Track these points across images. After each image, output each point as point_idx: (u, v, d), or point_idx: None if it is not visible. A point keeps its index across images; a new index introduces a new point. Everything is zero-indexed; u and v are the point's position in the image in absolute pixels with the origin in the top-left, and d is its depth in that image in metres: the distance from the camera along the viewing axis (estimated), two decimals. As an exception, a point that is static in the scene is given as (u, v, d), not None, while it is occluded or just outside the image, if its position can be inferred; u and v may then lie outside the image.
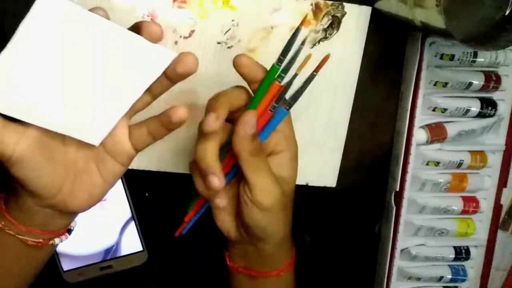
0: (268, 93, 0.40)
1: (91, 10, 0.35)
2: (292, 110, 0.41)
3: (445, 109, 0.52)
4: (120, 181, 0.50)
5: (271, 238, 0.42)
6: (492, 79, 0.52)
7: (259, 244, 0.42)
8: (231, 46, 0.49)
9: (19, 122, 0.35)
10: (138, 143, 0.39)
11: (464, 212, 0.55)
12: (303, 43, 0.39)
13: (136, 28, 0.37)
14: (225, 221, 0.43)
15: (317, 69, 0.38)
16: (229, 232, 0.43)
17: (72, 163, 0.39)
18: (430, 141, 0.53)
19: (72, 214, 0.41)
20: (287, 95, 0.39)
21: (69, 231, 0.42)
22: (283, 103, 0.40)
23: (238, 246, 0.44)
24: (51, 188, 0.37)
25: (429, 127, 0.53)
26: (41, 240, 0.40)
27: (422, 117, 0.52)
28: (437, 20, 0.39)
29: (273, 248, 0.43)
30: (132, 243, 0.52)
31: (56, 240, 0.41)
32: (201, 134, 0.39)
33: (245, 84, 0.41)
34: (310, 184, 0.54)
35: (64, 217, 0.40)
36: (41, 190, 0.37)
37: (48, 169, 0.37)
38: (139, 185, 0.51)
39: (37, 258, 0.41)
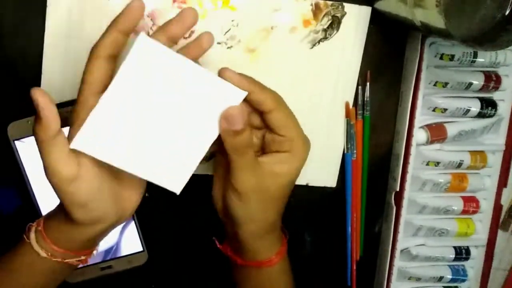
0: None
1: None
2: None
3: (445, 109, 0.52)
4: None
5: (245, 226, 0.42)
6: (492, 79, 0.52)
7: (236, 229, 0.42)
8: (231, 46, 0.49)
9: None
10: None
11: (464, 212, 0.55)
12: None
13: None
14: (216, 192, 0.43)
15: None
16: (217, 204, 0.43)
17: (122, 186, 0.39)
18: (430, 141, 0.53)
19: None
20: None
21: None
22: None
23: (226, 228, 0.44)
24: (112, 210, 0.38)
25: (429, 127, 0.53)
26: (83, 258, 0.40)
27: (422, 117, 0.52)
28: (437, 20, 0.39)
29: (249, 237, 0.42)
30: (132, 244, 0.52)
31: (94, 253, 0.42)
32: None
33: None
34: (310, 184, 0.54)
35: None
36: (103, 214, 0.38)
37: (108, 194, 0.37)
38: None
39: (70, 270, 0.42)
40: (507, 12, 0.37)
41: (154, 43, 0.34)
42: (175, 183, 0.38)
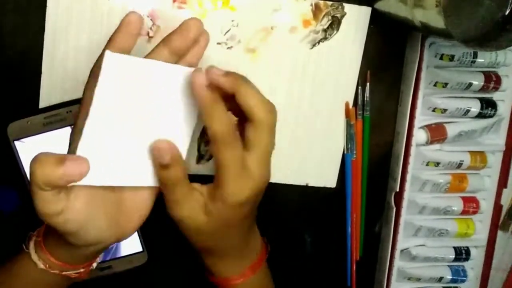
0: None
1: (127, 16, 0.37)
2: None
3: (445, 110, 0.52)
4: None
5: (203, 252, 0.42)
6: (492, 80, 0.52)
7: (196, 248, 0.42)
8: (231, 47, 0.49)
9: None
10: None
11: (464, 212, 0.55)
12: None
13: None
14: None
15: None
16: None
17: (122, 205, 0.38)
18: (430, 142, 0.53)
19: None
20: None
21: None
22: None
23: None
24: (107, 234, 0.37)
25: (429, 128, 0.53)
26: (82, 270, 0.40)
27: (422, 118, 0.52)
28: (437, 20, 0.39)
29: (209, 260, 0.43)
30: (132, 244, 0.52)
31: (94, 265, 0.42)
32: None
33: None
34: (310, 184, 0.54)
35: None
36: (98, 237, 0.37)
37: (102, 219, 0.36)
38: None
39: (68, 283, 0.42)
40: (507, 12, 0.37)
41: (119, 56, 0.34)
42: None
